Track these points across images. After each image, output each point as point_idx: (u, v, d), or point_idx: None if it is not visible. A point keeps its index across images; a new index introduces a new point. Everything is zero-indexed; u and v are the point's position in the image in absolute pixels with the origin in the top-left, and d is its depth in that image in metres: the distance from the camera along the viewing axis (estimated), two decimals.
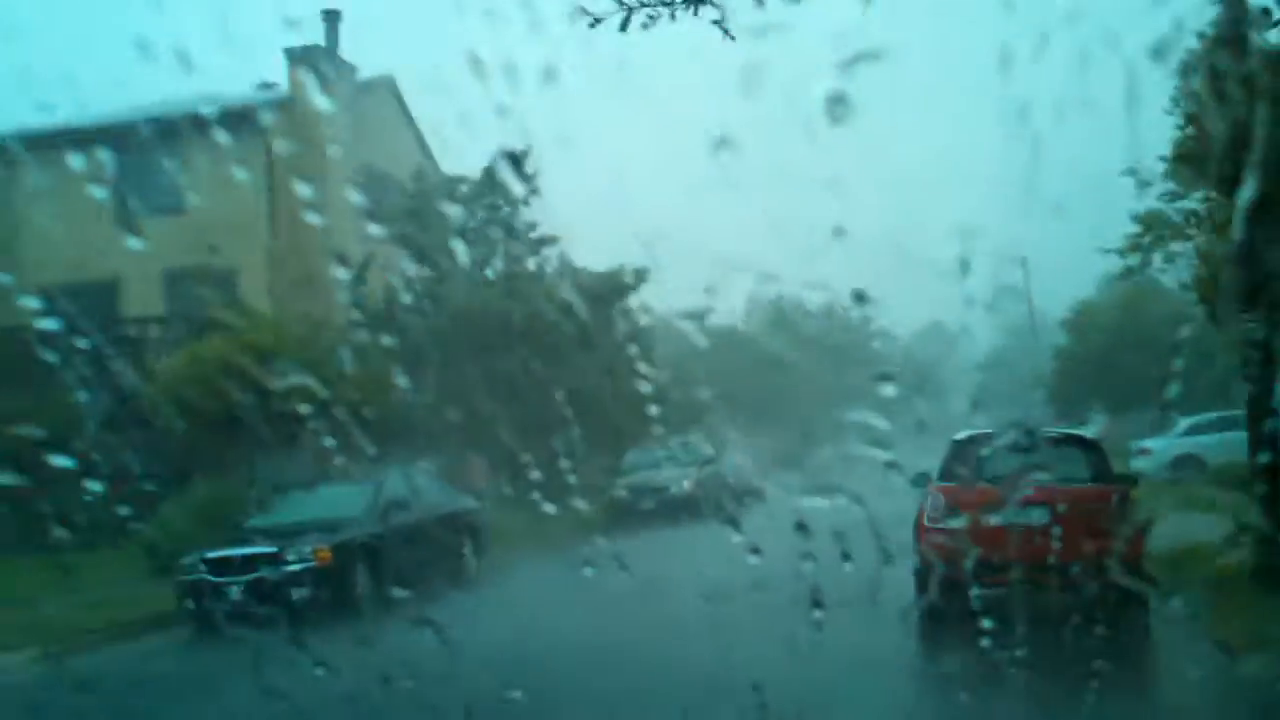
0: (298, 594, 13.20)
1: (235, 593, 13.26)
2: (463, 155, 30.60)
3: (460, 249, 28.83)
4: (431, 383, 25.91)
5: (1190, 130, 15.51)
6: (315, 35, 30.24)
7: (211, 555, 13.60)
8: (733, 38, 8.37)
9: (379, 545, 14.30)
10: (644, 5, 8.32)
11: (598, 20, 8.18)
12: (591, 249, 32.26)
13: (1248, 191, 5.60)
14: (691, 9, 8.38)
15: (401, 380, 24.31)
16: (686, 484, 25.83)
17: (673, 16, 8.39)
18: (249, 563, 13.49)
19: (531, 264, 29.44)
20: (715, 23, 8.40)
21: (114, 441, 21.31)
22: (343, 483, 16.41)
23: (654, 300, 38.99)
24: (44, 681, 8.74)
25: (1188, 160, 18.91)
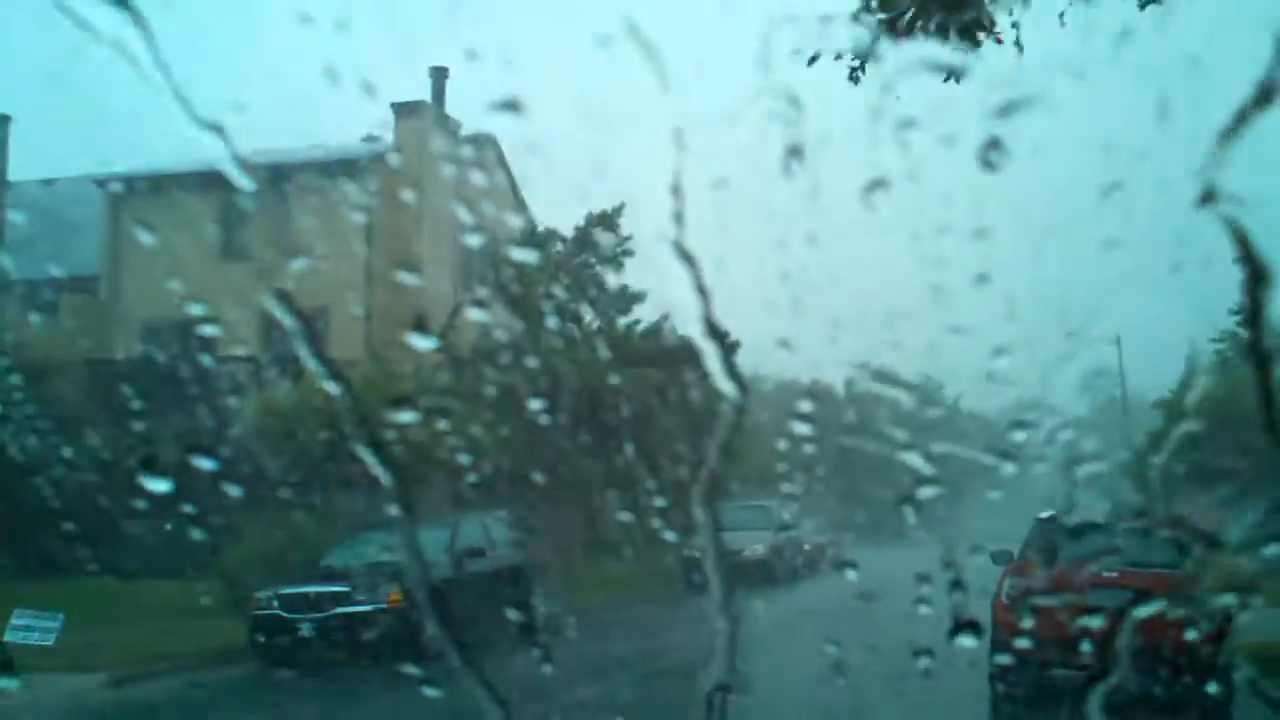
0: (367, 635, 13.27)
1: (306, 629, 13.37)
2: (565, 212, 30.97)
3: (550, 304, 29.09)
4: (514, 434, 26.11)
5: None
6: (422, 91, 30.96)
7: (285, 591, 13.74)
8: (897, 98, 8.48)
9: (452, 591, 14.34)
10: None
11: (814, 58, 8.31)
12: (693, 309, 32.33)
13: None
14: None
15: (483, 429, 24.67)
16: (760, 548, 25.57)
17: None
18: (321, 601, 13.60)
19: (620, 321, 29.58)
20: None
21: (200, 475, 21.87)
22: (419, 526, 16.55)
23: (749, 361, 38.86)
24: (109, 707, 8.85)
25: None
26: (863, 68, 8.50)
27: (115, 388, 25.49)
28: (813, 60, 8.33)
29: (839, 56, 8.46)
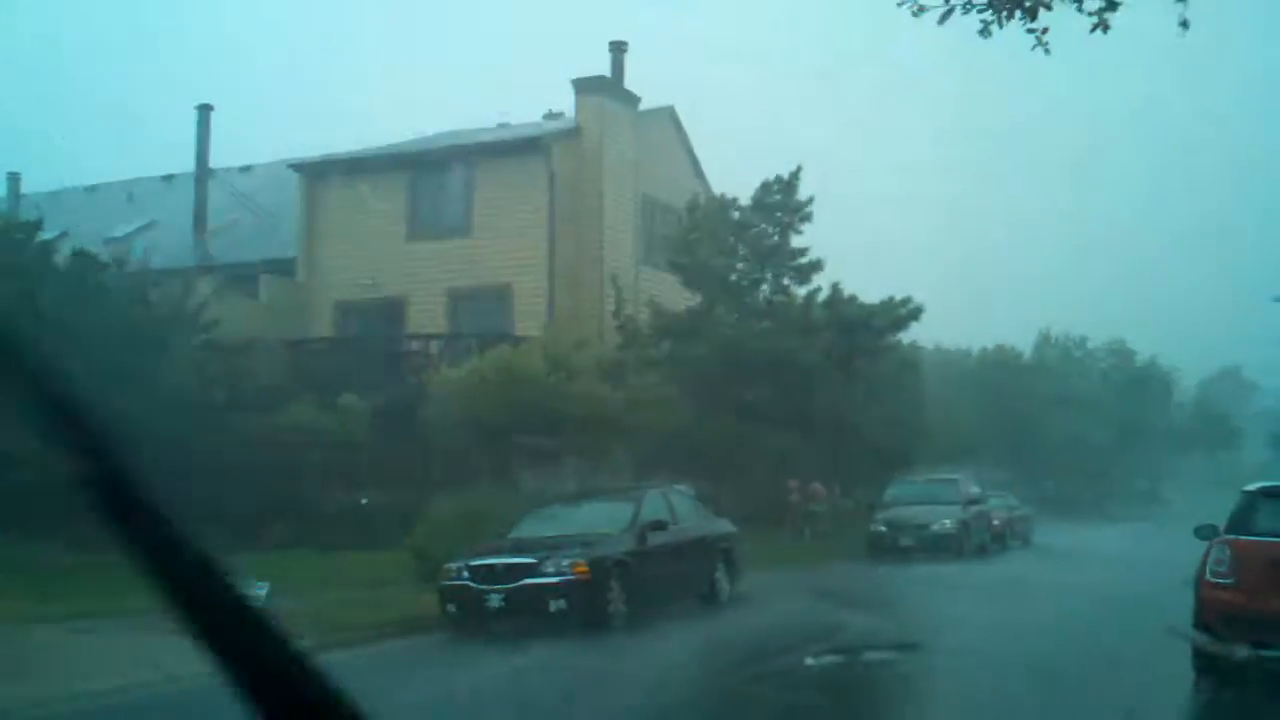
0: (555, 606, 13.44)
1: (496, 600, 13.62)
2: (741, 179, 30.83)
3: (731, 274, 28.95)
4: (694, 406, 26.14)
5: None
6: (602, 66, 31.12)
7: (475, 562, 14.02)
8: (1048, 50, 8.21)
9: (636, 563, 14.43)
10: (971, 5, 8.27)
11: (922, 9, 8.25)
12: (871, 273, 31.69)
13: None
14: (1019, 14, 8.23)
15: (665, 403, 24.76)
16: (949, 523, 25.00)
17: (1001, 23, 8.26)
18: (511, 572, 13.84)
19: (799, 290, 29.24)
20: (1031, 31, 8.24)
21: (389, 450, 22.62)
22: (604, 499, 16.71)
23: (931, 329, 38.10)
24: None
25: None
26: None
27: (311, 366, 26.55)
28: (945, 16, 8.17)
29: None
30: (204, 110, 34.82)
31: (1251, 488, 11.63)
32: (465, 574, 13.91)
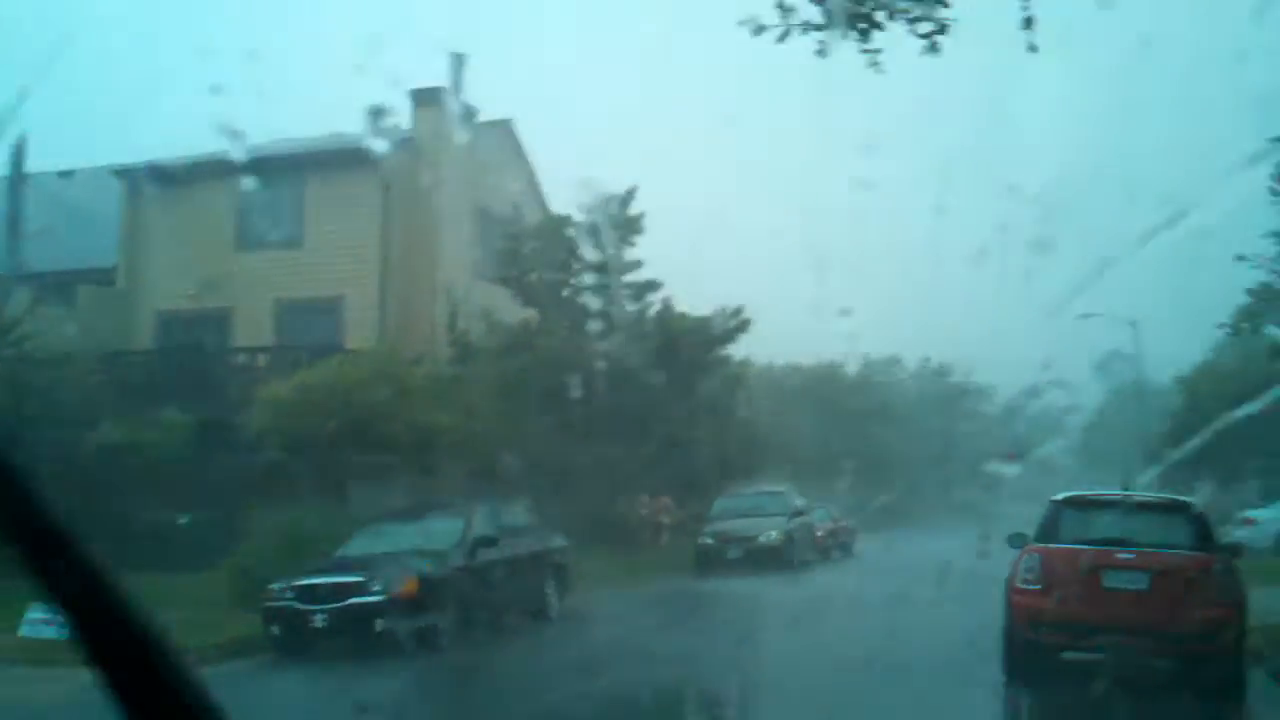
0: (381, 625, 13.28)
1: (320, 620, 13.38)
2: (576, 197, 30.87)
3: (561, 291, 29.07)
4: (526, 422, 26.11)
5: None
6: (441, 77, 30.86)
7: (300, 582, 13.75)
8: (881, 71, 8.43)
9: (465, 580, 14.36)
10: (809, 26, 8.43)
11: (762, 29, 8.40)
12: (700, 291, 32.04)
13: None
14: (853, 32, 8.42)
15: (496, 418, 24.67)
16: (775, 534, 25.52)
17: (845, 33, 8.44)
18: (336, 591, 13.61)
19: (632, 306, 29.52)
20: (866, 52, 8.47)
21: (212, 467, 21.96)
22: (435, 515, 16.58)
23: (757, 345, 38.78)
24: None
25: None
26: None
27: (131, 379, 25.60)
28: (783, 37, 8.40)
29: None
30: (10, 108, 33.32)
31: (1058, 497, 12.24)
32: (289, 594, 13.63)
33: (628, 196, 29.25)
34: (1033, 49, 8.11)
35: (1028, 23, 7.96)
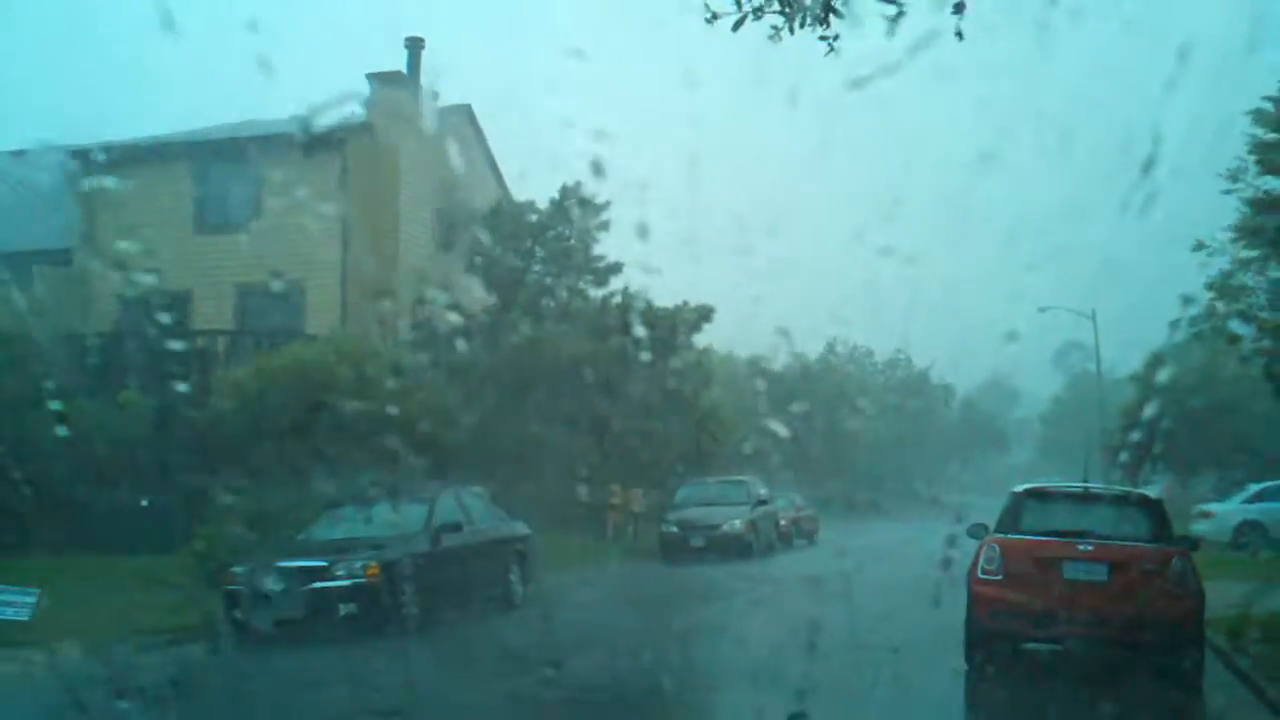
0: (345, 609, 13.23)
1: (283, 605, 13.31)
2: (539, 183, 30.82)
3: (525, 277, 29.01)
4: (489, 408, 26.05)
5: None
6: (399, 61, 30.71)
7: (262, 566, 13.68)
8: (834, 50, 8.36)
9: (429, 566, 14.33)
10: (760, 11, 8.35)
11: (715, 16, 8.29)
12: (668, 284, 32.06)
13: None
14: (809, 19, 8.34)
15: (458, 404, 24.60)
16: (738, 523, 25.66)
17: (793, 28, 8.35)
18: (298, 575, 13.55)
19: (595, 294, 29.50)
20: (824, 39, 8.38)
21: (172, 450, 21.76)
22: (398, 500, 16.50)
23: (722, 337, 38.86)
24: (75, 681, 8.72)
25: (1249, 232, 19.31)
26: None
27: (89, 361, 25.31)
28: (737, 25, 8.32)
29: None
30: None
31: (1018, 489, 12.37)
32: (252, 578, 13.55)
33: (596, 171, 29.15)
34: (959, 36, 8.02)
35: (958, 8, 7.90)
